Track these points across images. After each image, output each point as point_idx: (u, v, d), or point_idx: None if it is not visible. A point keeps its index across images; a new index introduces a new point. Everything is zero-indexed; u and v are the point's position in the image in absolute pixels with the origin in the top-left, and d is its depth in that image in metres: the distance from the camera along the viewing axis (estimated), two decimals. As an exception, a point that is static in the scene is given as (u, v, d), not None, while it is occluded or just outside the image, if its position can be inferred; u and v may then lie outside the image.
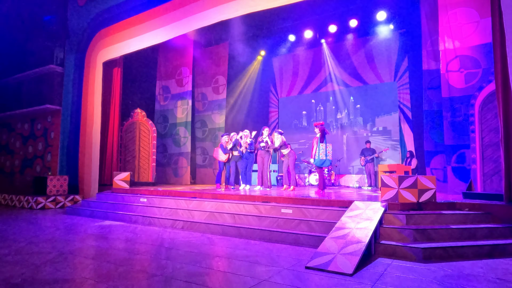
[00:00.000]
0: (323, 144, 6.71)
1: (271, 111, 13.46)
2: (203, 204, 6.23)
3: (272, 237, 4.78)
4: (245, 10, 7.16)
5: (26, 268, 3.34)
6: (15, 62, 11.51)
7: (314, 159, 6.78)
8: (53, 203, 8.72)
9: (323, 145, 6.70)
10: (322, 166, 6.83)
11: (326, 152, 6.69)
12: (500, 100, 4.87)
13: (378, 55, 11.07)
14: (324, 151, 6.68)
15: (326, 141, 6.77)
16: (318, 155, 6.71)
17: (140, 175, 10.36)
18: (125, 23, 8.96)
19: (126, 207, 7.08)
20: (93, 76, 9.54)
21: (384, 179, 4.82)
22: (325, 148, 6.70)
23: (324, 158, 6.68)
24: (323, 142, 6.71)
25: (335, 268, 3.31)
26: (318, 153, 6.70)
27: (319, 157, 6.70)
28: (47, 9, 10.85)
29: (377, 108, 11.10)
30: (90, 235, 5.19)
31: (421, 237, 4.09)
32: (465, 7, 7.24)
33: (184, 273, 3.23)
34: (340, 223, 4.27)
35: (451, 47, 7.35)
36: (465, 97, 7.05)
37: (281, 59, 13.11)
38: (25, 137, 11.60)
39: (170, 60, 11.66)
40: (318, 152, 6.70)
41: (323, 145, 6.70)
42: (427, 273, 3.25)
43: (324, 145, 6.71)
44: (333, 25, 10.84)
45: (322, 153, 6.68)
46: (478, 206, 4.74)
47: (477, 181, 6.32)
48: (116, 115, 9.74)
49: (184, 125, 11.09)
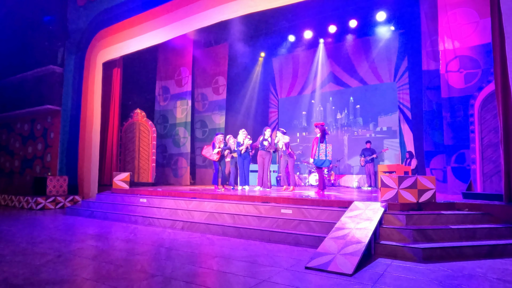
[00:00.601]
0: (323, 145, 6.72)
1: (271, 112, 13.46)
2: (202, 205, 6.23)
3: (272, 238, 4.78)
4: (245, 10, 7.16)
5: (26, 269, 3.34)
6: (15, 63, 11.50)
7: (314, 159, 6.78)
8: (53, 204, 8.71)
9: (323, 145, 6.71)
10: (322, 166, 6.83)
11: (326, 153, 6.69)
12: (499, 100, 4.87)
13: (377, 56, 11.07)
14: (324, 151, 6.69)
15: (326, 141, 6.78)
16: (318, 155, 6.72)
17: (140, 176, 10.36)
18: (124, 23, 8.96)
19: (125, 207, 7.08)
20: (93, 77, 9.54)
21: (384, 179, 4.82)
22: (325, 149, 6.71)
23: (324, 158, 6.69)
24: (323, 142, 6.72)
25: (335, 268, 3.31)
26: (318, 153, 6.71)
27: (319, 157, 6.71)
28: (47, 9, 10.84)
29: (377, 109, 11.11)
30: (90, 236, 5.18)
31: (421, 237, 4.09)
32: (465, 7, 7.25)
33: (184, 273, 3.23)
34: (340, 224, 4.27)
35: (451, 47, 7.36)
36: (464, 97, 7.06)
37: (281, 59, 13.12)
38: (24, 137, 11.59)
39: (169, 60, 11.66)
40: (318, 152, 6.71)
41: (323, 145, 6.71)
42: (427, 273, 3.25)
43: (324, 145, 6.72)
44: (333, 26, 10.86)
45: (322, 153, 6.69)
46: (477, 206, 4.73)
47: (476, 181, 6.32)
48: (116, 115, 9.75)
49: (183, 126, 11.09)
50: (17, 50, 11.65)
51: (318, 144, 6.75)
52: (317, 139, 6.82)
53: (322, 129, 6.80)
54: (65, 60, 10.39)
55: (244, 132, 8.09)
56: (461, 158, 7.12)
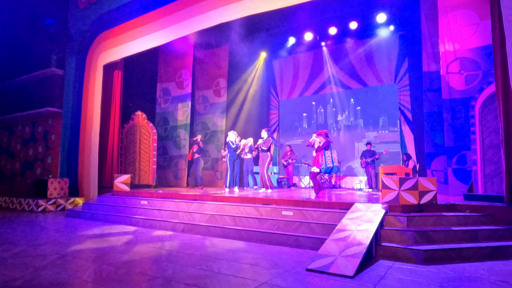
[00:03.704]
0: (329, 151, 6.75)
1: (271, 113, 13.47)
2: (203, 207, 6.23)
3: (272, 239, 4.78)
4: (245, 12, 7.17)
5: (26, 271, 3.33)
6: (16, 65, 11.54)
7: (321, 167, 6.80)
8: (53, 206, 8.71)
9: (328, 152, 6.74)
10: (331, 173, 6.92)
11: (332, 159, 6.73)
12: (500, 102, 4.87)
13: (378, 57, 11.08)
14: (330, 158, 6.73)
15: (331, 148, 6.82)
16: (325, 162, 6.74)
17: (141, 178, 10.36)
18: (125, 25, 8.99)
19: (126, 209, 7.08)
20: (94, 79, 9.56)
21: (385, 181, 4.82)
22: (331, 155, 6.74)
23: (331, 165, 6.73)
24: (328, 149, 6.76)
25: (336, 270, 3.30)
26: (325, 161, 6.73)
27: (326, 165, 6.74)
28: (48, 12, 10.89)
29: (378, 110, 11.10)
30: (90, 238, 5.18)
31: (422, 239, 4.08)
32: (465, 9, 7.25)
33: (185, 275, 3.22)
34: (341, 225, 4.26)
35: (451, 49, 7.36)
36: (465, 99, 7.05)
37: (281, 61, 13.14)
38: (25, 139, 11.61)
39: (170, 62, 11.68)
40: (324, 159, 6.73)
41: (328, 152, 6.74)
42: (428, 275, 3.24)
43: (329, 152, 6.75)
44: (333, 27, 10.86)
45: (329, 160, 6.72)
46: (479, 207, 4.72)
47: (478, 183, 6.31)
48: (117, 117, 9.76)
49: (184, 128, 11.10)
50: (18, 53, 11.69)
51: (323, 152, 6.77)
52: (319, 147, 6.83)
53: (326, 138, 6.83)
54: (66, 63, 10.42)
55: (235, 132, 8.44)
56: (462, 159, 7.10)
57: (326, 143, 6.74)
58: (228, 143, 8.21)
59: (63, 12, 10.66)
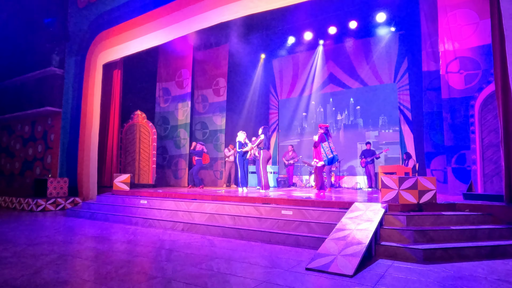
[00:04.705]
0: (326, 143, 6.80)
1: (271, 113, 13.47)
2: (203, 206, 6.23)
3: (272, 239, 4.78)
4: (245, 11, 7.16)
5: (26, 270, 3.33)
6: (16, 65, 11.53)
7: (324, 160, 6.85)
8: (53, 205, 8.71)
9: (326, 144, 6.79)
10: (333, 162, 6.99)
11: (331, 149, 6.79)
12: (500, 101, 4.87)
13: (378, 57, 11.08)
14: (329, 148, 6.79)
15: (327, 138, 6.87)
16: (325, 154, 6.78)
17: (140, 177, 10.36)
18: (125, 25, 8.98)
19: (126, 209, 7.08)
20: (93, 78, 9.55)
21: (385, 180, 4.82)
22: (329, 145, 6.80)
23: (331, 155, 6.78)
24: (325, 141, 6.80)
25: (336, 269, 3.30)
26: (325, 153, 6.77)
27: (327, 156, 6.78)
28: (48, 11, 10.88)
29: (377, 110, 11.11)
30: (90, 237, 5.18)
31: (421, 238, 4.09)
32: (465, 8, 7.25)
33: (185, 275, 3.23)
34: (341, 225, 4.26)
35: (451, 48, 7.36)
36: (465, 98, 7.06)
37: (281, 60, 13.14)
38: (25, 139, 11.60)
39: (170, 62, 11.68)
40: (324, 151, 6.78)
41: (326, 144, 6.79)
42: (427, 274, 3.24)
43: (327, 143, 6.81)
44: (333, 27, 10.87)
45: (328, 151, 6.78)
46: (478, 207, 4.73)
47: (477, 182, 6.31)
48: (116, 117, 9.75)
49: (184, 127, 11.11)
50: (18, 52, 11.68)
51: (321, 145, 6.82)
52: (316, 142, 6.88)
53: (326, 130, 6.89)
54: (66, 62, 10.41)
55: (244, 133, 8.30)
56: (462, 159, 7.11)
57: (321, 136, 6.82)
58: (238, 143, 8.13)
59: (63, 11, 10.64)
